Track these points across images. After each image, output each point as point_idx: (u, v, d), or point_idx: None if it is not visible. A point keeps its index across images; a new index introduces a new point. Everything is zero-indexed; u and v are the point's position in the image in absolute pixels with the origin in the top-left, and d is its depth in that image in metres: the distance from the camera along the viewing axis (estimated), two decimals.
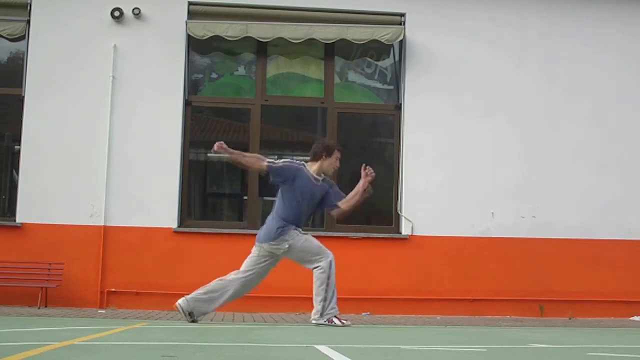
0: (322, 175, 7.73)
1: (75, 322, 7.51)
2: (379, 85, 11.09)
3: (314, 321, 7.52)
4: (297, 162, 7.75)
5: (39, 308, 9.34)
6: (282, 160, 7.76)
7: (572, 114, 10.74)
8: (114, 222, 10.01)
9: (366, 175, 7.72)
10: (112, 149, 10.11)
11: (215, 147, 7.51)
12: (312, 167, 7.67)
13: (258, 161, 7.65)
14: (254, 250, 7.64)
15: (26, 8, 10.27)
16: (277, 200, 7.65)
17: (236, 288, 7.61)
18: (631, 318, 10.14)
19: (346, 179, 10.98)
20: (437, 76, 10.60)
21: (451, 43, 10.66)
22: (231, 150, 7.58)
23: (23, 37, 10.29)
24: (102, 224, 9.98)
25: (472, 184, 10.50)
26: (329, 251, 7.61)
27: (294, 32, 10.35)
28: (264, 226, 7.67)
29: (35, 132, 10.13)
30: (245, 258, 9.86)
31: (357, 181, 7.81)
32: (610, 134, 10.76)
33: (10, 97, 10.35)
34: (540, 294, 10.35)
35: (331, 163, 7.72)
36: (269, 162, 7.58)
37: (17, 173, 10.19)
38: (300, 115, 11.23)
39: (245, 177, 10.62)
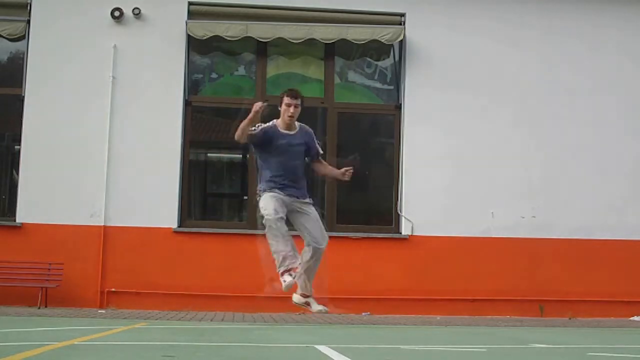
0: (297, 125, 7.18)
1: (75, 322, 7.51)
2: (379, 85, 11.09)
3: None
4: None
5: (39, 308, 9.34)
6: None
7: (572, 114, 10.74)
8: (114, 222, 10.01)
9: (343, 174, 7.28)
10: (112, 149, 10.11)
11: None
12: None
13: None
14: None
15: (26, 8, 10.27)
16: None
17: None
18: (631, 318, 10.13)
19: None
20: (436, 76, 10.60)
21: (451, 43, 10.66)
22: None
23: (23, 37, 10.29)
24: (102, 224, 9.98)
25: (472, 184, 10.50)
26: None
27: (294, 32, 10.35)
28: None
29: (35, 132, 10.13)
30: (245, 258, 9.89)
31: (357, 182, 7.79)
32: (610, 134, 10.76)
33: (10, 97, 10.35)
34: (540, 294, 10.35)
35: (283, 110, 7.11)
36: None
37: (17, 173, 10.19)
38: (300, 115, 11.18)
39: (245, 177, 10.63)
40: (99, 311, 9.39)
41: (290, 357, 4.63)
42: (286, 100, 7.03)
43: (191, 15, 10.44)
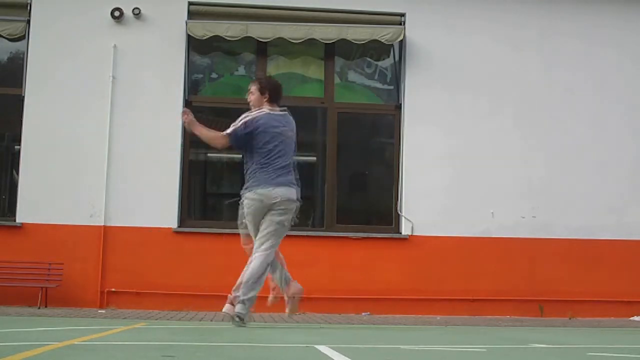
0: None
1: (75, 322, 7.51)
2: (379, 85, 11.10)
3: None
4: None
5: (39, 308, 9.34)
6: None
7: (572, 114, 10.75)
8: (114, 222, 10.01)
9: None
10: (111, 149, 10.12)
11: (183, 117, 7.32)
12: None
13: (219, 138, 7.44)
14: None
15: (26, 8, 10.28)
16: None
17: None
18: (631, 318, 10.14)
19: (346, 179, 11.01)
20: (437, 76, 10.61)
21: (451, 43, 10.67)
22: (195, 124, 7.33)
23: (23, 37, 10.29)
24: (102, 224, 9.98)
25: (472, 184, 10.51)
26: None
27: (294, 32, 10.35)
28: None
29: (35, 132, 10.13)
30: (245, 258, 9.87)
31: (357, 182, 7.81)
32: (610, 134, 10.77)
33: (10, 97, 10.35)
34: (540, 294, 10.35)
35: None
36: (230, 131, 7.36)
37: (17, 173, 10.19)
38: (300, 115, 11.12)
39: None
40: (99, 311, 9.39)
41: (290, 357, 4.63)
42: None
43: (191, 15, 10.44)
